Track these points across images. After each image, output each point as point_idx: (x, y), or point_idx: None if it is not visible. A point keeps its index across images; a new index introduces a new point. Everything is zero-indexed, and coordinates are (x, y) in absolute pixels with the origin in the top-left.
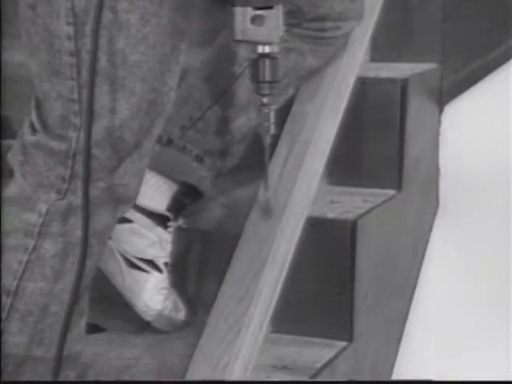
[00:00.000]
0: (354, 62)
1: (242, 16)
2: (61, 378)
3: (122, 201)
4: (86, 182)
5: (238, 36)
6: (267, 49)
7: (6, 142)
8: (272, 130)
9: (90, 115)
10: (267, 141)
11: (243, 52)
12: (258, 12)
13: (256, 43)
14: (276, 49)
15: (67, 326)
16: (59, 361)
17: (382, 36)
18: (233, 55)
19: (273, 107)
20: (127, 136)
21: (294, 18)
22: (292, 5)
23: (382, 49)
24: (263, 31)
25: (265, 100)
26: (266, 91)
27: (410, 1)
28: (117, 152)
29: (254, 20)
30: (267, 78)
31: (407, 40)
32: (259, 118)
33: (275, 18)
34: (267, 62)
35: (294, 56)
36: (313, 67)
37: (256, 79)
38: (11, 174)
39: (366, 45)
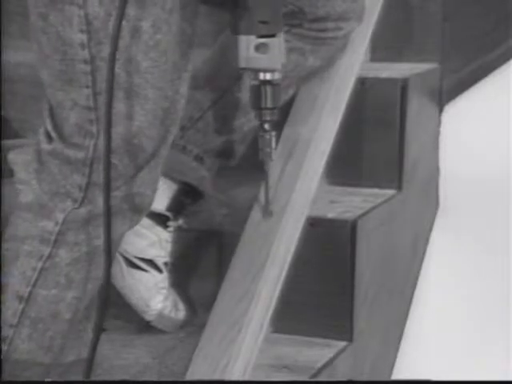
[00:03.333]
0: (354, 62)
1: (246, 44)
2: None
3: (138, 210)
4: (107, 190)
5: (242, 64)
6: (268, 76)
7: (6, 142)
8: (273, 156)
9: (109, 122)
10: (268, 166)
11: None
12: (262, 40)
13: (259, 71)
14: (277, 76)
15: (99, 332)
16: (91, 364)
17: (382, 36)
18: (233, 56)
19: (274, 133)
20: (145, 144)
21: (295, 19)
22: (293, 5)
23: (381, 49)
24: (267, 59)
25: (266, 126)
26: (268, 117)
27: (410, 1)
28: (134, 160)
29: (258, 48)
30: (268, 104)
31: (407, 40)
32: (260, 143)
33: (278, 45)
34: (268, 88)
35: (295, 56)
36: (314, 67)
37: (257, 106)
38: (11, 174)
39: (365, 45)
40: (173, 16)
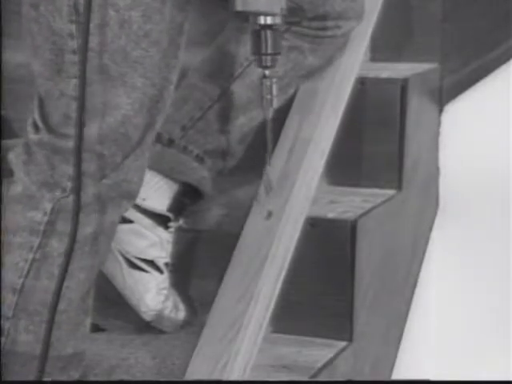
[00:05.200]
0: (354, 62)
1: None
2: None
3: (126, 197)
4: (79, 180)
5: (239, 7)
6: (269, 20)
7: (6, 142)
8: (274, 104)
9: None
10: (269, 114)
11: (243, 51)
12: None
13: (256, 14)
14: (278, 20)
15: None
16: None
17: (382, 36)
18: (233, 55)
19: (275, 80)
20: (131, 132)
21: (295, 17)
22: (292, 3)
23: (381, 49)
24: (264, 2)
25: (267, 72)
26: (268, 63)
27: (410, 0)
28: (121, 149)
29: None
30: (269, 50)
31: (407, 40)
32: (261, 90)
33: None
34: (269, 33)
35: (295, 55)
36: (313, 66)
37: (258, 51)
38: (11, 173)
39: (365, 44)
40: (166, 5)
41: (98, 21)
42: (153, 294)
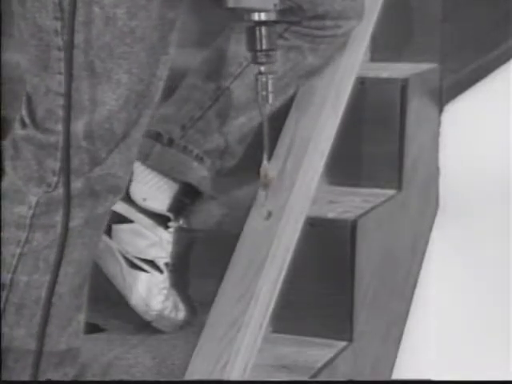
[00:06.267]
0: (354, 62)
1: None
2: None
3: (112, 191)
4: (68, 175)
5: (231, 3)
6: (263, 16)
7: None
8: (270, 100)
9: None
10: (265, 111)
11: (243, 51)
12: None
13: (249, 10)
14: (272, 16)
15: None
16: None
17: (382, 36)
18: (232, 55)
19: (271, 76)
20: (116, 127)
21: (294, 16)
22: (292, 2)
23: (381, 49)
24: None
25: (262, 69)
26: (263, 60)
27: (410, 0)
28: (106, 143)
29: None
30: (264, 46)
31: (407, 40)
32: (256, 87)
33: None
34: (263, 29)
35: (294, 55)
36: (313, 66)
37: (253, 48)
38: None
39: (365, 44)
40: (152, 2)
41: (82, 18)
42: (153, 293)
